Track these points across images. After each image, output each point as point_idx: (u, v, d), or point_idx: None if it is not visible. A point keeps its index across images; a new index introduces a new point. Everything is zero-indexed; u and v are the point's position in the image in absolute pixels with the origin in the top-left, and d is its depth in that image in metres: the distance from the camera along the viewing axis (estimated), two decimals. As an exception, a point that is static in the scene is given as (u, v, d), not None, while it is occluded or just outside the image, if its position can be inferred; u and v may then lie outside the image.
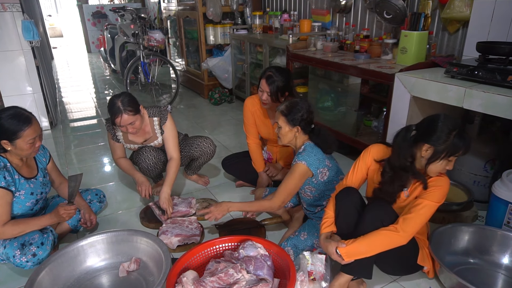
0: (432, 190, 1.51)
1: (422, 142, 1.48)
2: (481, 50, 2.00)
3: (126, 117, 2.04)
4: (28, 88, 3.63)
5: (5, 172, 1.70)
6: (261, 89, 2.23)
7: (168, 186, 2.26)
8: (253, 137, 2.48)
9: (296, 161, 1.86)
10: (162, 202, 2.22)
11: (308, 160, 1.84)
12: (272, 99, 2.21)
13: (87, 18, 9.29)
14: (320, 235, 1.63)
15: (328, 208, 1.69)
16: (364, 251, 1.50)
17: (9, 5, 3.29)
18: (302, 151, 1.89)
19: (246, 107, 2.44)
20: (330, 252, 1.53)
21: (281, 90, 2.19)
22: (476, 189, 2.34)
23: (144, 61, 4.61)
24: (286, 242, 1.91)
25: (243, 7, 4.65)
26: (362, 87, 2.97)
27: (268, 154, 2.60)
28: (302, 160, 1.85)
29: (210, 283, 1.52)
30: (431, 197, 1.50)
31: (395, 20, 2.87)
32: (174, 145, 2.33)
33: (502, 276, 1.76)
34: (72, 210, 1.79)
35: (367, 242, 1.49)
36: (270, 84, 2.17)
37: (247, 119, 2.47)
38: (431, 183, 1.53)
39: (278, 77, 2.17)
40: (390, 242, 1.49)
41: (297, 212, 2.17)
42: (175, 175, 2.30)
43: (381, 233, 1.49)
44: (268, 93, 2.19)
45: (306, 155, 1.86)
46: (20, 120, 1.67)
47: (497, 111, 1.77)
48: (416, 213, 1.49)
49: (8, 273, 1.88)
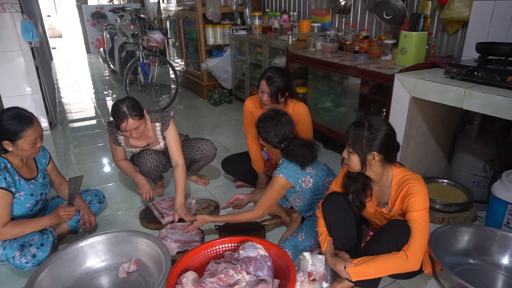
0: (414, 200, 1.47)
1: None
2: (481, 50, 2.00)
3: (131, 121, 2.02)
4: (27, 89, 3.63)
5: (5, 173, 1.70)
6: (261, 90, 2.22)
7: (181, 195, 2.18)
8: (252, 137, 2.48)
9: (275, 174, 1.90)
10: (177, 211, 2.14)
11: (286, 172, 1.88)
12: (272, 100, 2.21)
13: (86, 18, 9.29)
14: (324, 254, 1.64)
15: (318, 226, 1.72)
16: (373, 274, 1.50)
17: (9, 5, 3.28)
18: (281, 163, 1.93)
19: (246, 108, 2.44)
20: (339, 270, 1.54)
21: (281, 90, 2.19)
22: (476, 189, 2.34)
23: (144, 61, 4.60)
24: (284, 243, 1.92)
25: (242, 7, 4.65)
26: (362, 87, 2.96)
27: (268, 154, 2.60)
28: (280, 173, 1.88)
29: (210, 284, 1.52)
30: (417, 206, 1.46)
31: (395, 21, 2.87)
32: (178, 150, 2.29)
33: (502, 277, 1.76)
34: (72, 212, 1.79)
35: (378, 266, 1.48)
36: (270, 85, 2.17)
37: (247, 120, 2.46)
38: (408, 190, 1.50)
39: (278, 78, 2.17)
40: (400, 269, 1.49)
41: (295, 212, 2.18)
42: (184, 183, 2.25)
43: (392, 260, 1.47)
44: (269, 94, 2.19)
45: (283, 167, 1.89)
46: (21, 120, 1.67)
47: (497, 112, 1.77)
48: (414, 232, 1.45)
49: (7, 274, 1.88)
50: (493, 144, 2.28)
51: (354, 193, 1.65)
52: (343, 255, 1.59)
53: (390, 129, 1.51)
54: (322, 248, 1.66)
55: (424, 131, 2.37)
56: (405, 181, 1.52)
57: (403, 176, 1.54)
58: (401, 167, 1.59)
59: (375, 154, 1.49)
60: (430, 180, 2.41)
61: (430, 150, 2.48)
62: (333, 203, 1.65)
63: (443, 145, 2.54)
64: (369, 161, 1.51)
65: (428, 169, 2.53)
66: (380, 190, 1.62)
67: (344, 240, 1.63)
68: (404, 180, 1.52)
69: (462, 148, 2.40)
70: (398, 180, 1.55)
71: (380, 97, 2.86)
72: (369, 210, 1.69)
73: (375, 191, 1.65)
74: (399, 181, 1.54)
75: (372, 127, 1.48)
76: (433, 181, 2.42)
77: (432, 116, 2.34)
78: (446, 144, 2.56)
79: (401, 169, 1.57)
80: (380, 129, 1.48)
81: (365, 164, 1.51)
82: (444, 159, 2.61)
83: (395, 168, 1.57)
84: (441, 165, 2.61)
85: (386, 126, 1.50)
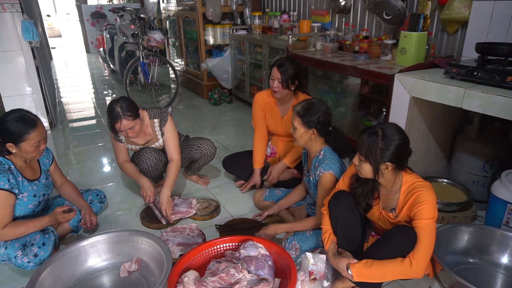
0: (423, 208, 1.46)
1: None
2: (480, 51, 2.01)
3: (125, 122, 2.05)
4: (27, 89, 3.63)
5: (9, 175, 1.70)
6: (272, 76, 2.28)
7: (168, 188, 2.26)
8: (260, 130, 2.51)
9: (323, 171, 1.84)
10: (161, 203, 2.22)
11: (335, 169, 1.84)
12: (283, 85, 2.25)
13: (86, 18, 9.28)
14: (327, 252, 1.64)
15: (323, 224, 1.71)
16: (376, 278, 1.50)
17: (9, 5, 3.28)
18: (324, 158, 1.87)
19: (257, 100, 2.48)
20: (341, 269, 1.54)
21: (291, 77, 2.24)
22: (475, 189, 2.35)
23: (144, 61, 4.60)
24: (292, 236, 1.89)
25: (242, 7, 4.65)
26: (362, 87, 2.98)
27: (272, 148, 2.60)
28: (329, 169, 1.83)
29: (212, 283, 1.53)
30: (425, 215, 1.46)
31: (395, 21, 2.88)
32: (174, 146, 2.34)
33: (502, 276, 1.77)
34: (71, 216, 1.81)
35: (381, 271, 1.48)
36: (281, 71, 2.23)
37: (256, 111, 2.49)
38: (417, 198, 1.49)
39: (289, 65, 2.23)
40: (403, 276, 1.49)
41: (300, 210, 2.19)
42: (175, 177, 2.30)
43: (396, 266, 1.46)
44: (280, 79, 2.24)
45: (330, 163, 1.84)
46: (25, 123, 1.68)
47: (496, 112, 1.77)
48: (421, 241, 1.45)
49: (9, 273, 1.88)
50: (493, 144, 2.29)
51: (362, 196, 1.63)
52: (347, 255, 1.59)
53: (403, 138, 1.48)
54: (325, 246, 1.66)
55: (424, 131, 2.37)
56: (414, 189, 1.50)
57: (413, 183, 1.52)
58: (411, 173, 1.57)
59: (388, 165, 1.47)
60: (430, 180, 2.41)
61: (430, 149, 2.49)
62: (341, 202, 1.63)
63: (443, 145, 2.55)
64: (381, 171, 1.49)
65: (428, 168, 2.54)
66: (388, 194, 1.61)
67: (349, 240, 1.63)
68: (414, 188, 1.51)
69: (462, 148, 2.41)
70: (408, 187, 1.53)
71: (380, 97, 2.87)
72: (375, 213, 1.68)
73: (383, 194, 1.64)
74: (409, 187, 1.53)
75: (386, 136, 1.45)
76: (432, 181, 2.42)
77: (432, 116, 2.35)
78: (445, 144, 2.57)
79: (411, 176, 1.55)
80: (394, 139, 1.45)
81: (377, 173, 1.50)
82: (444, 159, 2.62)
83: (406, 174, 1.56)
84: (440, 164, 2.62)
85: (400, 135, 1.47)
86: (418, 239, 1.45)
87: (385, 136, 1.45)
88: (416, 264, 1.44)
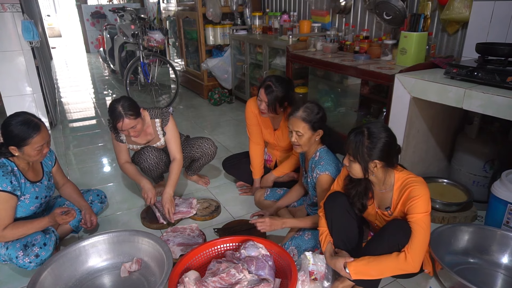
0: (416, 202, 1.47)
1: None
2: (481, 51, 2.01)
3: (127, 121, 2.05)
4: (28, 88, 3.62)
5: (11, 177, 1.70)
6: (260, 98, 2.18)
7: (170, 187, 2.26)
8: (256, 138, 2.45)
9: (319, 173, 1.86)
10: (164, 203, 2.22)
11: (331, 169, 1.86)
12: (269, 109, 2.17)
13: (86, 18, 9.28)
14: (324, 253, 1.65)
15: (320, 226, 1.72)
16: (373, 274, 1.51)
17: (9, 5, 3.28)
18: (319, 160, 1.88)
19: (249, 108, 2.39)
20: (338, 268, 1.55)
21: (279, 100, 2.14)
22: (476, 189, 2.35)
23: (144, 61, 4.61)
24: (290, 241, 1.91)
25: (242, 7, 4.65)
26: (362, 87, 2.98)
27: (269, 156, 2.60)
28: (325, 171, 1.85)
29: (212, 283, 1.53)
30: (418, 209, 1.47)
31: (395, 21, 2.88)
32: (176, 146, 2.34)
33: (502, 276, 1.77)
34: (69, 219, 1.82)
35: (377, 267, 1.49)
36: (268, 94, 2.12)
37: (249, 120, 2.42)
38: (411, 193, 1.49)
39: (278, 87, 2.11)
40: (400, 271, 1.50)
41: (300, 211, 2.19)
42: (177, 176, 2.31)
43: (391, 261, 1.47)
44: (266, 103, 2.15)
45: (326, 164, 1.86)
46: (29, 127, 1.68)
47: (496, 112, 1.78)
48: (415, 234, 1.46)
49: (9, 273, 1.89)
50: (493, 144, 2.29)
51: (356, 196, 1.65)
52: (343, 254, 1.60)
53: (390, 135, 1.50)
54: (322, 247, 1.67)
55: (424, 131, 2.38)
56: (407, 185, 1.52)
57: (405, 180, 1.54)
58: (403, 170, 1.59)
59: (377, 162, 1.49)
60: (430, 180, 2.42)
61: (430, 150, 2.49)
62: (335, 203, 1.65)
63: (443, 145, 2.55)
64: (371, 169, 1.51)
65: (428, 168, 2.54)
66: (382, 193, 1.63)
67: (345, 240, 1.64)
68: (406, 184, 1.52)
69: (462, 148, 2.42)
70: (400, 184, 1.55)
71: (380, 97, 2.87)
72: (371, 212, 1.70)
73: (377, 193, 1.65)
74: (401, 184, 1.54)
75: (372, 135, 1.47)
76: (433, 181, 2.43)
77: (432, 116, 2.35)
78: (446, 144, 2.57)
79: (403, 173, 1.57)
80: (380, 137, 1.47)
81: (367, 172, 1.52)
82: (444, 159, 2.62)
83: (397, 172, 1.57)
84: (441, 164, 2.62)
85: (386, 133, 1.49)
86: (412, 233, 1.46)
87: (371, 135, 1.47)
88: (411, 258, 1.45)
